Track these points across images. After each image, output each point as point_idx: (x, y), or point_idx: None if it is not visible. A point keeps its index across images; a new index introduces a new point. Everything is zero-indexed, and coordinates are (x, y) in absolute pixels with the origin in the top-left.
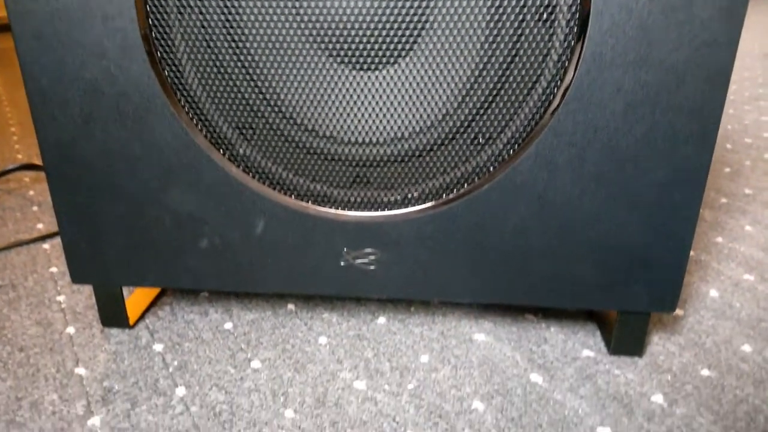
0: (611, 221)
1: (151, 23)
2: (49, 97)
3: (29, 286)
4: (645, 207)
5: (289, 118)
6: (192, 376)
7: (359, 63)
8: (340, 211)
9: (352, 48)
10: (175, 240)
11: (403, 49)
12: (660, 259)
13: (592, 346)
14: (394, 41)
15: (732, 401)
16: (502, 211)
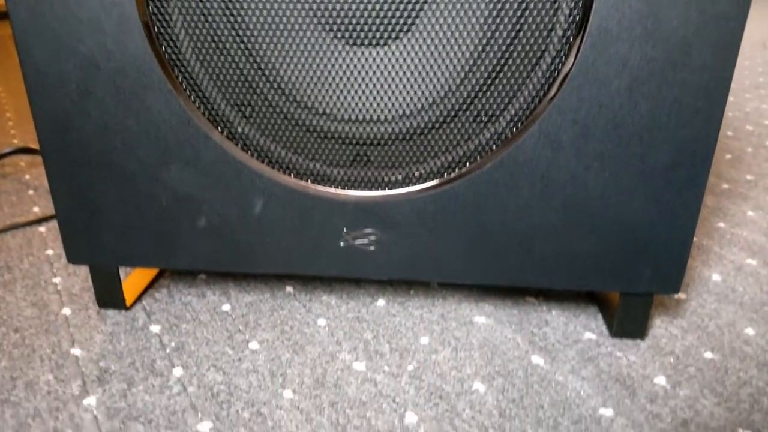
0: (615, 200)
1: None
2: (44, 73)
3: (25, 269)
4: (649, 185)
5: (288, 95)
6: (189, 357)
7: (360, 39)
8: (339, 191)
9: (353, 24)
10: (173, 219)
11: (404, 25)
12: (664, 239)
13: (593, 328)
14: (395, 17)
15: (735, 383)
16: (504, 190)
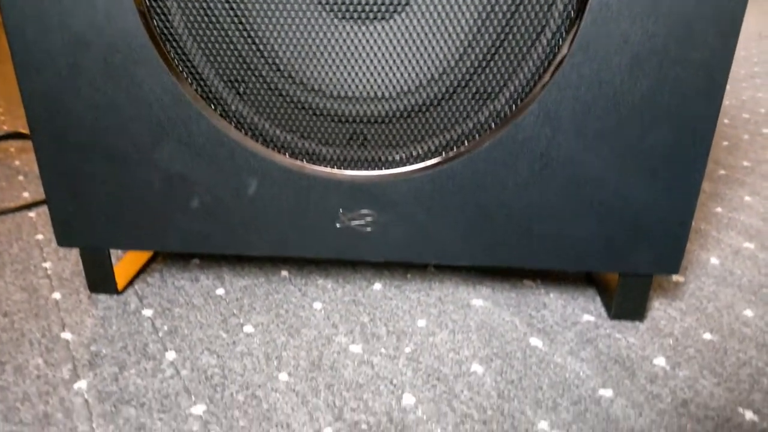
0: (615, 179)
1: None
2: (33, 50)
3: (14, 253)
4: (649, 164)
5: (283, 72)
6: (182, 341)
7: (356, 15)
8: (335, 171)
9: None
10: (165, 200)
11: (400, 1)
12: (664, 219)
13: (592, 311)
14: None
15: (735, 364)
16: (503, 169)
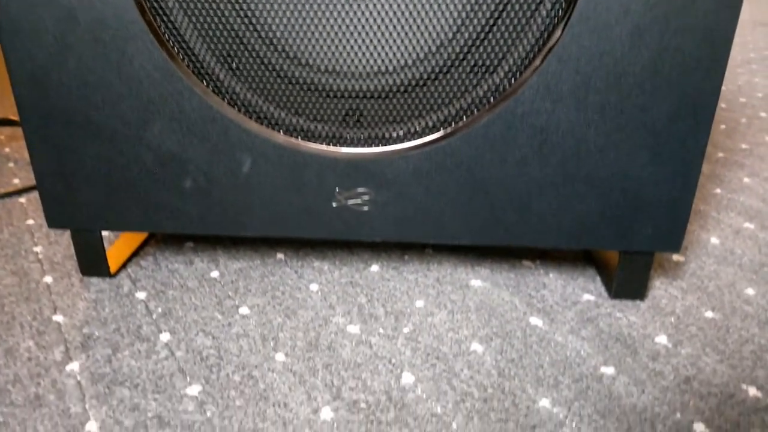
0: (615, 154)
1: None
2: (20, 26)
3: (4, 238)
4: (651, 139)
5: (276, 47)
6: (177, 323)
7: None
8: (331, 148)
9: None
10: (157, 180)
11: None
12: (665, 195)
13: (592, 290)
14: None
15: (737, 341)
16: (502, 145)
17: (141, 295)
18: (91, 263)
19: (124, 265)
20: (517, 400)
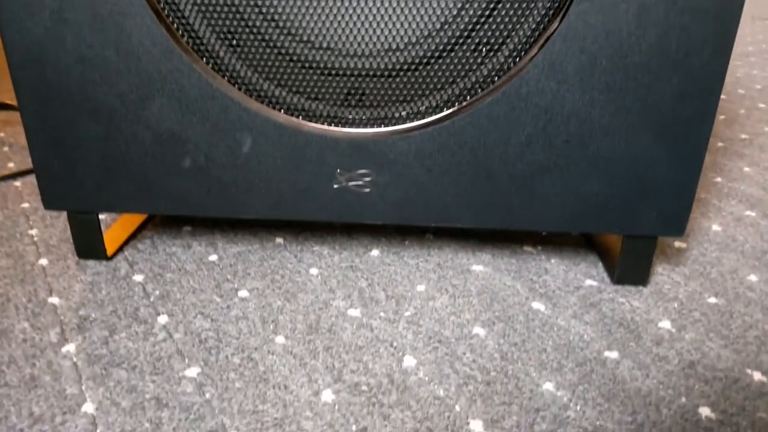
0: (620, 136)
1: None
2: (16, 0)
3: None
4: (656, 120)
5: (277, 24)
6: (175, 305)
7: None
8: (333, 128)
9: None
10: (155, 160)
11: None
12: (670, 177)
13: (594, 276)
14: None
15: (741, 326)
16: (506, 125)
17: (138, 277)
18: (88, 246)
19: (120, 249)
20: (521, 384)
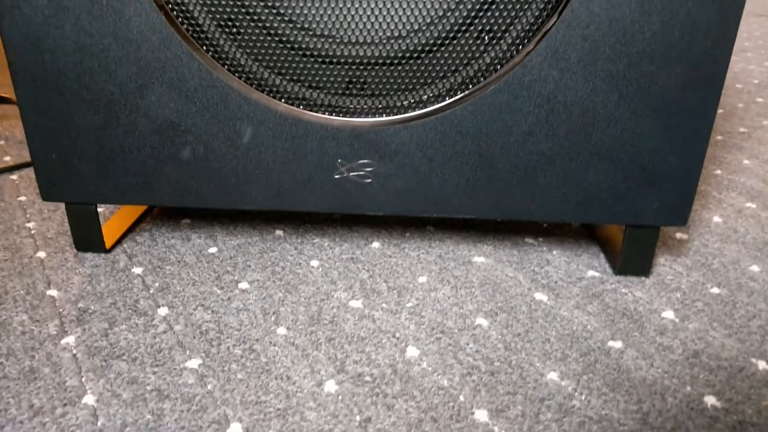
0: (623, 125)
1: None
2: None
3: None
4: (659, 108)
5: (278, 13)
6: (175, 297)
7: None
8: (334, 117)
9: None
10: (154, 150)
11: None
12: (672, 167)
13: (596, 267)
14: None
15: (745, 316)
16: (508, 114)
17: (137, 270)
18: (86, 238)
19: (119, 241)
20: (525, 374)
